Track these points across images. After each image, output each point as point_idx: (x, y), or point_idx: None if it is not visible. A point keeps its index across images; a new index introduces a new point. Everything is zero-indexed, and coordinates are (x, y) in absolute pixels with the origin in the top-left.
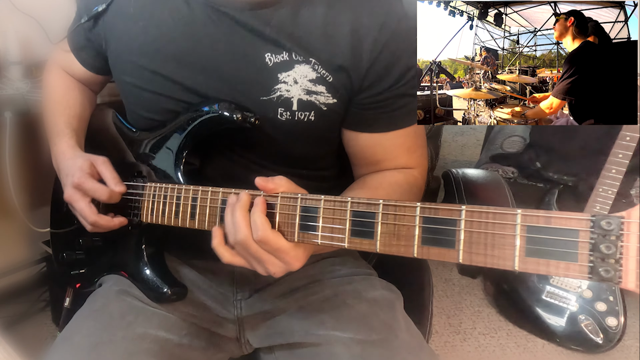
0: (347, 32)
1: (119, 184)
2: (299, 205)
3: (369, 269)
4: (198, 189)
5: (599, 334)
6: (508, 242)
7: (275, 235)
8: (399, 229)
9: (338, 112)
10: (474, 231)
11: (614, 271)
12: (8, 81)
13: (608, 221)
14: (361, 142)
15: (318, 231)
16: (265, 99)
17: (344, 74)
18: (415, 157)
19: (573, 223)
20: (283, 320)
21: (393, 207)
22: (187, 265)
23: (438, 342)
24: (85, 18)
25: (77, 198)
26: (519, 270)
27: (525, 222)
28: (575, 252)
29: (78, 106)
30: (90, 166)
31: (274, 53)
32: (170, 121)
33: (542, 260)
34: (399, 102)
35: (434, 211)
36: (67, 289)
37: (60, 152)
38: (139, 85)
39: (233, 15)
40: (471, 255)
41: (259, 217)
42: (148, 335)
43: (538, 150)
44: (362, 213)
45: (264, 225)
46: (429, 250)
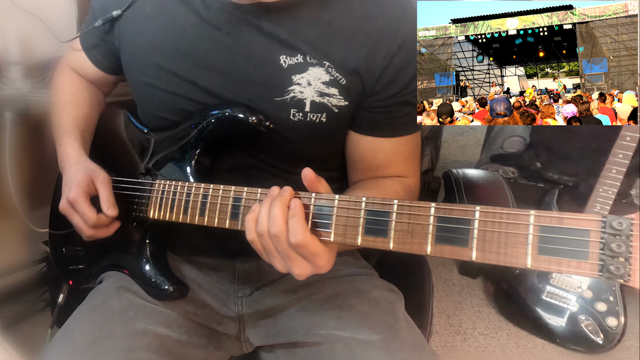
0: (362, 37)
1: (112, 208)
2: (312, 205)
3: (370, 269)
4: (209, 187)
5: (599, 334)
6: (521, 241)
7: (313, 240)
8: (413, 227)
9: (349, 114)
10: (487, 230)
11: (624, 268)
12: (8, 81)
13: (619, 222)
14: (363, 145)
15: (331, 229)
16: (278, 99)
17: (357, 77)
18: (410, 166)
19: (585, 223)
20: (284, 319)
21: (408, 207)
22: (189, 262)
23: (438, 342)
24: (100, 22)
25: (70, 213)
26: (532, 268)
27: (538, 222)
28: (586, 250)
29: (86, 107)
30: (88, 183)
31: (288, 55)
32: (183, 121)
33: (554, 259)
34: (403, 109)
35: (448, 211)
36: (62, 285)
37: (65, 154)
38: (154, 84)
39: (250, 19)
40: (484, 254)
41: (299, 222)
42: (148, 331)
43: (538, 150)
44: (377, 212)
45: (304, 229)
46: (442, 249)
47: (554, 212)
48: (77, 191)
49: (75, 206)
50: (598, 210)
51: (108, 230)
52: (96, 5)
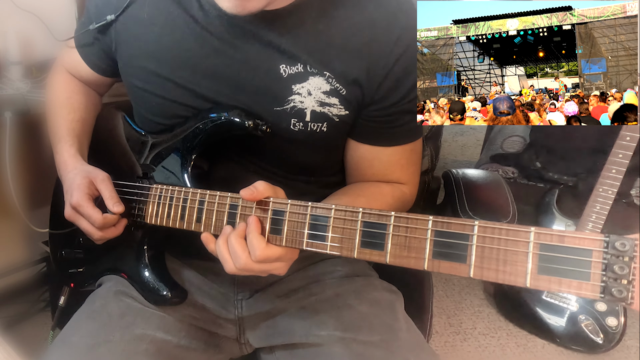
0: (363, 47)
1: (117, 204)
2: (309, 214)
3: (370, 269)
4: (206, 193)
5: (599, 334)
6: (520, 259)
7: (270, 249)
8: (410, 241)
9: (349, 122)
10: (486, 246)
11: (627, 292)
12: (8, 81)
13: (622, 242)
14: (360, 152)
15: (327, 241)
16: (279, 109)
17: (357, 87)
18: (407, 174)
19: (587, 243)
20: (284, 320)
21: (405, 219)
22: (188, 266)
23: (438, 342)
24: (95, 25)
25: (76, 218)
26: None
27: (538, 240)
28: (588, 271)
29: (82, 110)
30: (89, 185)
31: (288, 65)
32: (179, 126)
33: (554, 279)
34: (402, 119)
35: (446, 225)
36: (63, 287)
37: (62, 162)
38: (150, 90)
39: (249, 28)
40: (482, 270)
41: (255, 238)
42: (146, 336)
43: (538, 150)
44: (373, 224)
45: (260, 244)
46: (439, 264)
47: (554, 230)
48: (79, 195)
49: (79, 210)
50: (598, 210)
51: (117, 229)
52: (91, 7)
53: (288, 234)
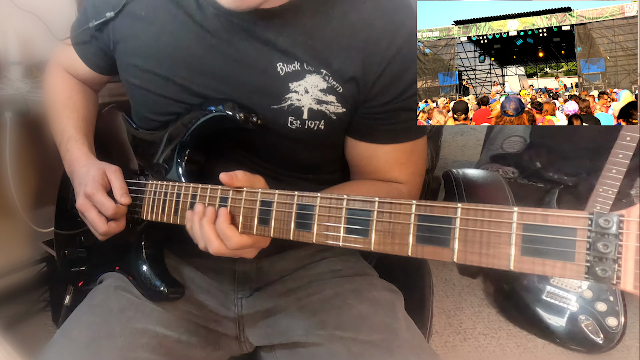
0: (359, 44)
1: (125, 196)
2: (295, 203)
3: (370, 269)
4: (197, 187)
5: (599, 334)
6: (503, 241)
7: (242, 237)
8: (394, 227)
9: (346, 120)
10: (469, 229)
11: (612, 271)
12: (8, 81)
13: (606, 219)
14: (358, 150)
15: (313, 229)
16: (276, 107)
17: (353, 84)
18: (406, 173)
19: (570, 221)
20: (284, 319)
21: (389, 204)
22: (189, 264)
23: (438, 342)
24: (94, 22)
25: (87, 207)
26: (514, 270)
27: (521, 220)
28: (572, 251)
29: (84, 109)
30: (102, 176)
31: (285, 63)
32: (173, 122)
33: (538, 260)
34: (400, 116)
35: (430, 209)
36: (67, 287)
37: (74, 159)
38: (147, 88)
39: (246, 26)
40: (466, 254)
41: (227, 228)
42: (147, 331)
43: (538, 150)
44: (357, 211)
45: (233, 233)
46: (423, 249)
47: (538, 209)
48: (93, 185)
49: (92, 199)
50: (598, 210)
51: (120, 224)
52: (88, 5)
53: (276, 224)
